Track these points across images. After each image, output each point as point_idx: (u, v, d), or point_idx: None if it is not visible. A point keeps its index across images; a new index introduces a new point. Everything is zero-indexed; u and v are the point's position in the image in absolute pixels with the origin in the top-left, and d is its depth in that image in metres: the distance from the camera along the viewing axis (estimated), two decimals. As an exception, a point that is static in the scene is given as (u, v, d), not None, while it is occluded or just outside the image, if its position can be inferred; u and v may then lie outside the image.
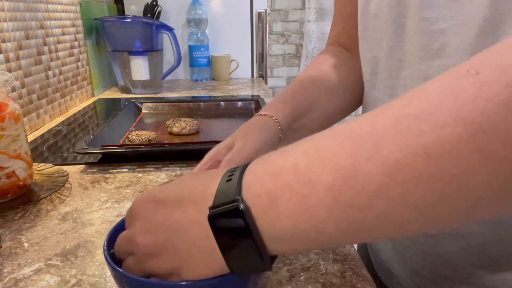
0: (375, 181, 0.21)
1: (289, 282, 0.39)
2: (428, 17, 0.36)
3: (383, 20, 0.42)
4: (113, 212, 0.53)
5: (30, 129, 0.89)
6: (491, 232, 0.38)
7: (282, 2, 2.85)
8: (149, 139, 0.78)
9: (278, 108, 0.48)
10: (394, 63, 0.42)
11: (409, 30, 0.39)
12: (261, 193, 0.24)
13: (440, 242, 0.42)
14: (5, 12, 0.81)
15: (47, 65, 0.98)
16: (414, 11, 0.38)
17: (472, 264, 0.41)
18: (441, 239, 0.42)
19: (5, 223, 0.50)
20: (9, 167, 0.53)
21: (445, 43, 0.35)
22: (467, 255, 0.41)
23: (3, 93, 0.53)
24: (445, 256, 0.42)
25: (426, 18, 0.36)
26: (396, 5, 0.40)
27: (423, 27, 0.37)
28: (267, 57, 1.66)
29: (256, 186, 0.25)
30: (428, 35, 0.37)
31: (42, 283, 0.39)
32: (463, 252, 0.41)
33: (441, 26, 0.35)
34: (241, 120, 1.01)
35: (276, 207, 0.24)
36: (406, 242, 0.47)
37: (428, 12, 0.36)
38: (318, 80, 0.53)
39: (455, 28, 0.34)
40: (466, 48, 0.34)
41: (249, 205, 0.24)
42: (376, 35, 0.44)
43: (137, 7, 1.50)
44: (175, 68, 1.38)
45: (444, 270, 0.43)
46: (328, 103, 0.52)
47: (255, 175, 0.25)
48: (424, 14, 0.36)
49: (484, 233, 0.39)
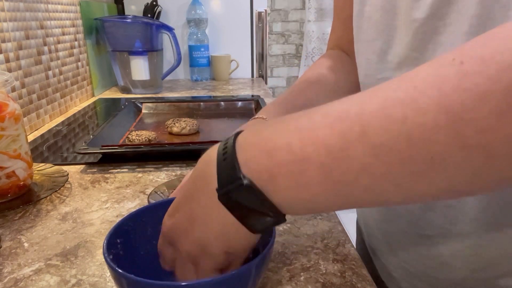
0: (362, 161, 0.23)
1: (289, 282, 0.39)
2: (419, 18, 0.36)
3: (376, 22, 0.43)
4: (113, 212, 0.53)
5: (30, 129, 0.89)
6: (486, 233, 0.39)
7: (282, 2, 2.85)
8: (149, 139, 0.78)
9: (272, 111, 0.49)
10: (387, 65, 0.42)
11: (400, 32, 0.39)
12: (259, 170, 0.26)
13: (435, 243, 0.42)
14: (5, 12, 0.81)
15: (47, 65, 0.98)
16: (406, 13, 0.38)
17: (468, 267, 0.41)
18: (436, 239, 0.42)
19: (5, 223, 0.50)
20: (9, 167, 0.53)
21: (438, 43, 0.36)
22: (462, 257, 0.41)
23: (3, 93, 0.53)
24: (441, 259, 0.43)
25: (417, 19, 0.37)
26: (388, 7, 0.40)
27: (415, 28, 0.37)
28: (267, 57, 1.67)
29: (252, 163, 0.27)
30: (420, 36, 0.37)
31: (42, 283, 0.39)
32: (459, 254, 0.41)
33: (432, 26, 0.36)
34: (241, 120, 1.01)
35: (275, 182, 0.26)
36: (402, 244, 0.47)
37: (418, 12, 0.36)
38: (315, 82, 0.54)
39: (446, 26, 0.35)
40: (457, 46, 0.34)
41: (252, 179, 0.26)
42: (369, 37, 0.44)
43: (137, 7, 1.50)
44: (175, 68, 1.38)
45: (441, 273, 0.43)
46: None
47: (249, 152, 0.27)
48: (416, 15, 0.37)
49: (479, 234, 0.39)
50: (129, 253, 0.35)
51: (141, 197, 0.57)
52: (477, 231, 0.39)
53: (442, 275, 0.43)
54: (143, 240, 0.37)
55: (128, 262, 0.34)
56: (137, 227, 0.36)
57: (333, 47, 0.61)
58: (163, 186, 0.56)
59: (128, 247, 0.35)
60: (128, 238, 0.35)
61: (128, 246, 0.35)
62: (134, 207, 0.54)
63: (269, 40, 2.91)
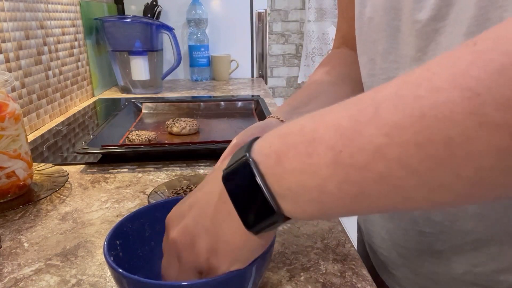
0: (374, 141, 0.22)
1: (289, 282, 0.39)
2: (421, 19, 0.37)
3: (377, 23, 0.43)
4: (113, 212, 0.53)
5: (30, 129, 0.89)
6: (486, 230, 0.39)
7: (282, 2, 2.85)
8: (149, 139, 0.78)
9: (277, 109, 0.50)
10: (390, 65, 0.42)
11: (403, 33, 0.40)
12: (269, 152, 0.26)
13: (435, 240, 0.43)
14: (5, 12, 0.81)
15: (47, 65, 0.98)
16: (408, 14, 0.38)
17: (468, 262, 0.41)
18: (437, 236, 0.42)
19: (5, 223, 0.50)
20: (9, 167, 0.53)
21: (439, 43, 0.36)
22: (463, 253, 0.41)
23: (3, 93, 0.53)
24: (441, 255, 0.43)
25: (419, 20, 0.37)
26: (390, 8, 0.41)
27: (418, 29, 0.38)
28: (267, 57, 1.67)
29: (265, 147, 0.26)
30: (423, 37, 0.37)
31: (42, 283, 0.39)
32: (459, 250, 0.41)
33: (434, 27, 0.36)
34: (241, 120, 1.01)
35: (282, 164, 0.25)
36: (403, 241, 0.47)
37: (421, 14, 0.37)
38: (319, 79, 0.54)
39: (446, 27, 0.35)
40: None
41: (257, 161, 0.26)
42: (371, 38, 0.44)
43: (137, 7, 1.50)
44: (175, 68, 1.38)
45: (442, 269, 0.44)
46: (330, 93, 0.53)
47: (265, 139, 0.27)
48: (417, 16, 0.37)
49: (479, 230, 0.39)
50: (128, 254, 0.35)
51: (141, 197, 0.57)
52: (477, 227, 0.39)
53: (442, 270, 0.44)
54: (142, 241, 0.37)
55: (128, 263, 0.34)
56: (136, 228, 0.37)
57: (339, 45, 0.61)
58: (163, 186, 0.56)
59: (127, 248, 0.35)
60: (127, 239, 0.36)
61: (127, 247, 0.35)
62: (134, 207, 0.54)
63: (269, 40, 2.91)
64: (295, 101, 0.51)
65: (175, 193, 0.54)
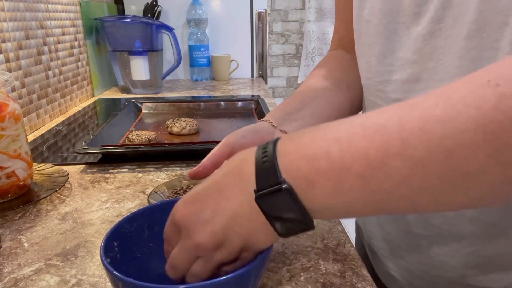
0: (400, 173, 0.24)
1: (289, 282, 0.39)
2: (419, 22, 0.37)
3: (375, 26, 0.43)
4: (113, 212, 0.53)
5: (30, 129, 0.89)
6: (484, 233, 0.39)
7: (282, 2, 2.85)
8: (149, 139, 0.78)
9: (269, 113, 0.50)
10: (386, 67, 0.42)
11: (401, 35, 0.40)
12: (298, 176, 0.27)
13: (434, 242, 0.43)
14: (5, 12, 0.81)
15: (47, 65, 0.98)
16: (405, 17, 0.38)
17: (466, 265, 0.41)
18: (435, 239, 0.42)
19: (5, 223, 0.50)
20: (9, 167, 0.53)
21: (436, 46, 0.36)
22: (460, 255, 0.41)
23: (3, 93, 0.53)
24: (439, 257, 0.43)
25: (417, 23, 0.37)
26: (387, 11, 0.41)
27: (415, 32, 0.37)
28: (267, 57, 1.66)
29: (292, 169, 0.28)
30: (420, 39, 0.37)
31: (42, 283, 0.39)
32: (456, 253, 0.42)
33: (431, 30, 0.36)
34: (241, 120, 1.01)
35: (314, 189, 0.27)
36: (401, 243, 0.47)
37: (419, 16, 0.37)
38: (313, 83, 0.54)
39: (444, 30, 0.35)
40: (456, 50, 0.35)
41: (291, 186, 0.27)
42: (368, 40, 0.44)
43: (137, 7, 1.50)
44: (175, 68, 1.38)
45: (439, 271, 0.44)
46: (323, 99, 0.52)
47: (289, 159, 0.28)
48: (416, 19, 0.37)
49: (477, 234, 0.39)
50: (126, 256, 0.35)
51: (141, 197, 0.57)
52: (475, 231, 0.39)
53: (440, 273, 0.44)
54: (140, 242, 0.37)
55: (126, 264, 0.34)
56: (134, 229, 0.36)
57: (336, 47, 0.61)
58: (163, 186, 0.56)
59: (125, 249, 0.35)
60: (125, 240, 0.35)
61: (125, 249, 0.35)
62: (134, 207, 0.54)
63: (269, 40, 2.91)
64: (288, 107, 0.50)
65: (175, 193, 0.54)
